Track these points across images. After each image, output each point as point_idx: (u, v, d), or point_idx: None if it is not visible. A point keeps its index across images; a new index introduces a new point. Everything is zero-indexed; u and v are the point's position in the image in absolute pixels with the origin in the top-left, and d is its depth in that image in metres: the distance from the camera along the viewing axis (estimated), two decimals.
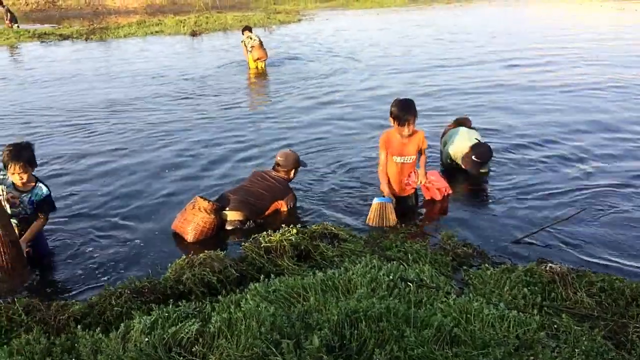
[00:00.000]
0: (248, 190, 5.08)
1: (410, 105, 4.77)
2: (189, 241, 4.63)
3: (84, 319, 3.28)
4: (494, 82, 10.45)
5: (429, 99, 9.38)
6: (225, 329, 2.66)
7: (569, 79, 10.50)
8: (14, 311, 3.29)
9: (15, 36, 20.03)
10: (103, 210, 5.40)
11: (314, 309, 2.93)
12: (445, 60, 13.12)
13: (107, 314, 3.32)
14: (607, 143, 6.76)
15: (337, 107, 9.15)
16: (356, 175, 6.04)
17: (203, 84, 11.41)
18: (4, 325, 3.22)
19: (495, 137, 6.98)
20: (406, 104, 4.77)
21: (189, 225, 4.65)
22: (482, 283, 3.52)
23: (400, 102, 4.79)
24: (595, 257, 4.15)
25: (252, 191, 5.06)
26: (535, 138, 7.01)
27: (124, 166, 6.64)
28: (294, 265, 3.84)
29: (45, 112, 9.50)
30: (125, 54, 16.22)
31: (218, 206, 4.78)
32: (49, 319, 3.24)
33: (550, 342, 2.77)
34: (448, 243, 4.16)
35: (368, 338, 2.65)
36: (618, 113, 8.08)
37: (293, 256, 3.94)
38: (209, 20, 23.17)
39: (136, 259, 4.43)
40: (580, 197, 5.24)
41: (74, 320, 3.23)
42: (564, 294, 3.35)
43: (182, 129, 8.09)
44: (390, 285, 3.24)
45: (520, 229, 4.63)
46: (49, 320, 3.24)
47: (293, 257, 3.93)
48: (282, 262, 3.88)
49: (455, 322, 2.82)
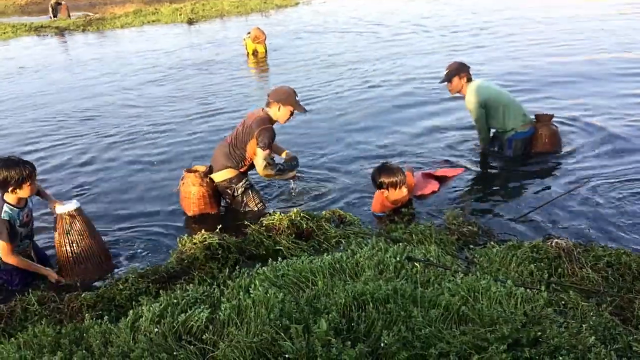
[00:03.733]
0: (226, 142, 4.82)
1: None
2: (189, 215, 4.81)
3: (95, 306, 3.38)
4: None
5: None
6: (235, 316, 2.68)
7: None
8: (28, 301, 3.42)
9: (12, 30, 19.94)
10: (111, 202, 5.49)
11: (322, 293, 2.94)
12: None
13: (116, 299, 3.46)
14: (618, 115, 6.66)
15: (336, 90, 9.10)
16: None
17: (203, 71, 11.37)
18: (19, 315, 3.35)
19: None
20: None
21: (184, 201, 4.81)
22: (489, 261, 3.53)
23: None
24: (603, 231, 4.14)
25: (230, 140, 4.77)
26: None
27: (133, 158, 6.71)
28: (292, 244, 4.02)
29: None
30: (126, 44, 16.14)
31: (205, 172, 4.75)
32: (62, 308, 3.37)
33: (558, 318, 2.78)
34: (453, 223, 4.16)
35: (376, 320, 2.66)
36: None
37: (292, 233, 4.10)
38: (206, 7, 22.98)
39: (155, 247, 4.53)
40: (587, 171, 5.20)
41: (86, 308, 3.34)
42: (569, 270, 3.35)
43: (183, 119, 8.10)
44: (397, 267, 3.25)
45: (526, 205, 4.63)
46: (63, 308, 3.36)
47: (291, 235, 4.09)
48: (280, 238, 4.06)
49: (463, 300, 2.83)
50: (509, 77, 8.63)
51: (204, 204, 4.73)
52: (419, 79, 9.17)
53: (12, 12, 30.44)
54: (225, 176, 4.74)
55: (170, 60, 12.83)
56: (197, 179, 4.68)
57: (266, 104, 4.70)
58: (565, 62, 9.60)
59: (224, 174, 4.74)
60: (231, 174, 4.74)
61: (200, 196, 4.70)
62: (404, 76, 9.56)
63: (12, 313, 3.38)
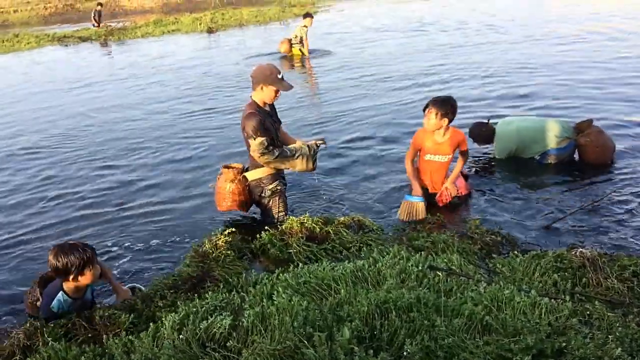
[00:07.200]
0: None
1: (437, 99, 4.70)
2: (220, 210, 4.88)
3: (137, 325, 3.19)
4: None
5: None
6: (259, 323, 2.70)
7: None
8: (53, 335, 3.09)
9: (35, 40, 20.36)
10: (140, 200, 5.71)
11: (344, 301, 2.95)
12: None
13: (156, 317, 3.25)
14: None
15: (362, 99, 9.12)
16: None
17: (226, 81, 11.48)
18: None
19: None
20: (437, 97, 4.74)
21: (217, 196, 4.82)
22: (512, 270, 3.50)
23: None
24: (629, 241, 4.08)
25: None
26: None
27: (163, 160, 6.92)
28: (302, 247, 4.14)
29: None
30: (147, 52, 16.39)
31: (241, 169, 4.81)
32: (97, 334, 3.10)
33: (583, 329, 2.75)
34: (475, 232, 4.14)
35: (399, 328, 2.66)
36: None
37: (303, 237, 4.22)
38: (225, 16, 23.24)
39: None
40: (616, 180, 5.14)
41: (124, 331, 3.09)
42: (594, 280, 3.31)
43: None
44: (419, 276, 3.24)
45: (550, 215, 4.59)
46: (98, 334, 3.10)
47: (302, 238, 4.21)
48: (291, 240, 4.21)
49: (487, 310, 2.81)
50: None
51: (235, 200, 4.75)
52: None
53: (35, 22, 31.10)
54: (257, 175, 4.75)
55: (192, 69, 12.97)
56: (231, 175, 4.74)
57: (252, 88, 4.62)
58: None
59: (256, 172, 4.75)
60: (262, 174, 4.73)
61: (233, 192, 4.73)
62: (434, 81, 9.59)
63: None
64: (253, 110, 4.48)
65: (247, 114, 4.48)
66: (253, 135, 4.41)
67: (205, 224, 5.02)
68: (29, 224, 5.32)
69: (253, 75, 4.52)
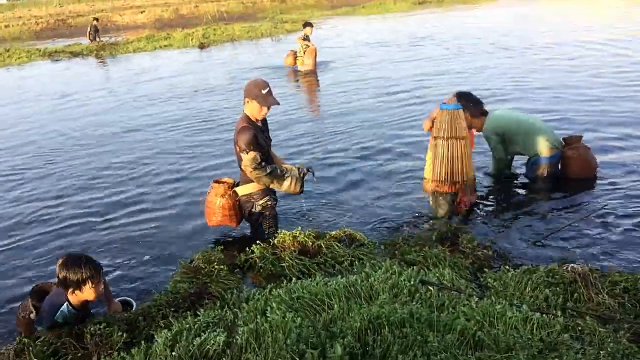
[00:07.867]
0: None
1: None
2: (210, 225, 4.86)
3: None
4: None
5: None
6: (253, 340, 2.68)
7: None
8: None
9: (26, 55, 20.35)
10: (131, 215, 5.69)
11: (338, 317, 2.94)
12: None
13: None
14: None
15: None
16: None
17: (216, 95, 11.51)
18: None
19: None
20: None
21: (207, 210, 4.81)
22: (503, 285, 3.51)
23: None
24: (620, 256, 4.10)
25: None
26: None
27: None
28: (295, 260, 4.13)
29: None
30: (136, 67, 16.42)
31: (232, 185, 4.80)
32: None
33: (575, 344, 2.76)
34: (467, 246, 4.15)
35: (391, 344, 2.66)
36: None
37: (295, 250, 4.23)
38: (217, 32, 23.34)
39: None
40: (606, 196, 5.16)
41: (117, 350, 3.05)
42: (586, 295, 3.33)
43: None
44: (411, 290, 3.25)
45: (542, 230, 4.61)
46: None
47: (295, 251, 4.21)
48: (284, 254, 4.21)
49: (479, 325, 2.82)
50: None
51: (225, 215, 4.74)
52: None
53: (27, 37, 31.10)
54: (248, 190, 4.71)
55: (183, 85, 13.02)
56: (222, 189, 4.73)
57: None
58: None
59: (246, 187, 4.72)
60: (253, 189, 4.70)
61: (223, 207, 4.72)
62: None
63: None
64: (246, 124, 4.47)
65: (240, 127, 4.47)
66: (246, 149, 4.38)
67: (195, 239, 5.00)
68: (8, 243, 5.25)
69: (244, 89, 4.54)
